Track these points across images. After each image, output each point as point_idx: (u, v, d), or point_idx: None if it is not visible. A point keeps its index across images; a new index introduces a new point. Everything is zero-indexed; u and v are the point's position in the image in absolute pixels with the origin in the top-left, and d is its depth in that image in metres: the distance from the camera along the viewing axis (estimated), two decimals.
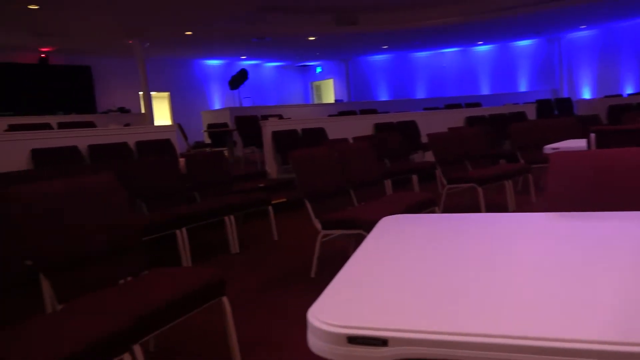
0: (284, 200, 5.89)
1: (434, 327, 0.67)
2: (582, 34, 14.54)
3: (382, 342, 0.63)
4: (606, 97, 12.17)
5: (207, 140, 10.43)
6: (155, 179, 4.03)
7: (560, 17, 12.01)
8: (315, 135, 7.27)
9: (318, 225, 3.14)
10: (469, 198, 5.33)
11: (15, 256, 1.69)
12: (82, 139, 5.02)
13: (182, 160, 4.58)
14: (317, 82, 18.01)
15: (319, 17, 11.57)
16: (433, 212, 3.96)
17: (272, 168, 7.03)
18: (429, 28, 12.37)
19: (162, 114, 14.21)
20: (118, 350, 1.52)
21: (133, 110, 12.38)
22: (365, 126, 7.90)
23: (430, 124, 8.63)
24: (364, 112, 11.01)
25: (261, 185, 6.35)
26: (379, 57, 16.84)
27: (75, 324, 1.52)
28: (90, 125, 7.18)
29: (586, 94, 14.54)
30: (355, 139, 6.07)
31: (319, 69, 17.65)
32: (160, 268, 2.14)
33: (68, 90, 11.80)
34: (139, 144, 5.42)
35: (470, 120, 9.03)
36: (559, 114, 12.03)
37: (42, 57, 11.45)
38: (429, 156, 7.63)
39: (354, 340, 0.64)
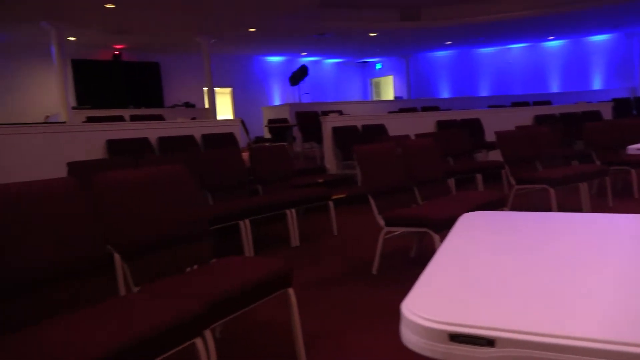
0: (343, 195, 5.87)
1: (542, 329, 0.61)
2: None
3: (488, 342, 0.58)
4: None
5: (267, 135, 10.61)
6: (220, 171, 4.13)
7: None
8: (375, 132, 7.19)
9: (381, 222, 3.09)
10: (539, 200, 5.06)
11: (96, 240, 1.77)
12: (152, 131, 5.25)
13: (245, 154, 4.68)
14: (376, 79, 17.84)
15: (381, 13, 11.44)
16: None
17: (331, 164, 7.03)
18: (495, 22, 11.89)
19: (224, 109, 14.62)
20: (190, 335, 1.56)
21: (197, 105, 12.82)
22: (426, 123, 7.72)
23: (496, 122, 8.29)
24: (425, 109, 10.77)
25: (320, 180, 6.36)
26: (442, 54, 16.41)
27: (151, 306, 1.57)
28: (159, 118, 7.49)
29: None
30: (417, 136, 5.94)
31: (378, 66, 17.48)
32: (228, 257, 2.18)
33: (138, 85, 12.41)
34: (205, 137, 5.59)
35: (539, 119, 8.59)
36: (637, 114, 11.19)
37: (116, 54, 12.10)
38: (494, 156, 7.33)
39: (456, 338, 0.60)
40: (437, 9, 11.55)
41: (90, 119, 6.61)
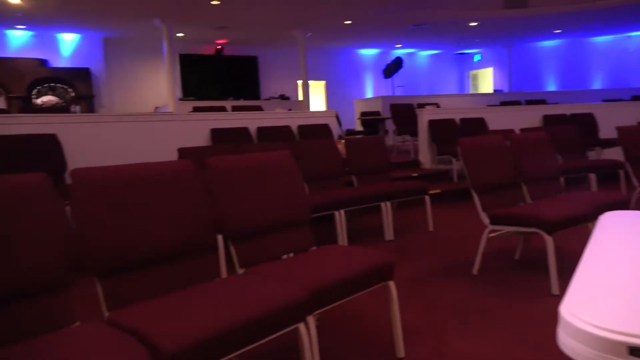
0: (438, 191, 5.66)
1: None
2: None
3: None
4: None
5: (359, 128, 10.57)
6: (316, 161, 4.16)
7: None
8: (475, 126, 6.84)
9: (485, 220, 2.91)
10: None
11: (206, 221, 1.84)
12: (251, 121, 5.43)
13: (340, 145, 4.67)
14: (474, 71, 17.01)
15: (483, 1, 10.84)
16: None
17: (425, 158, 6.82)
18: (614, 8, 10.73)
19: (317, 101, 14.82)
20: (294, 319, 1.56)
21: (291, 97, 13.11)
22: (531, 118, 7.19)
23: (612, 118, 7.50)
24: (529, 102, 10.06)
25: (414, 175, 6.20)
26: (549, 43, 15.20)
27: (260, 288, 1.59)
28: (258, 109, 7.76)
29: None
30: (522, 130, 5.54)
31: (477, 57, 16.64)
32: (329, 245, 2.17)
33: (238, 78, 12.98)
34: (301, 127, 5.67)
35: None
36: None
37: (218, 48, 12.75)
38: (609, 154, 6.63)
39: (637, 352, 0.50)
40: None
41: (196, 109, 7.02)
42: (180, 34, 11.33)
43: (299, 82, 13.99)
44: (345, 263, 1.84)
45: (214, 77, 12.67)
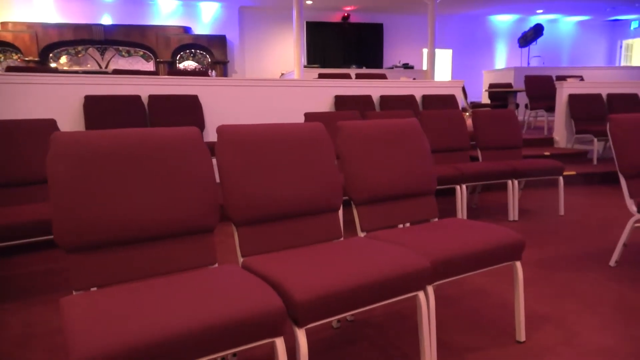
0: (573, 173, 5.17)
1: None
2: None
3: None
4: None
5: (486, 101, 9.96)
6: (440, 132, 4.02)
7: None
8: (625, 103, 6.05)
9: (632, 207, 2.60)
10: None
11: (336, 185, 1.89)
12: (374, 89, 5.41)
13: (467, 119, 4.45)
14: (629, 41, 14.88)
15: None
16: None
17: (561, 136, 6.23)
18: None
19: (442, 71, 14.21)
20: (415, 287, 1.57)
21: (415, 67, 12.73)
22: None
23: None
24: None
25: (547, 153, 5.71)
26: None
27: (382, 251, 1.62)
28: (382, 77, 7.68)
29: None
30: None
31: (635, 24, 14.49)
32: (456, 218, 2.11)
33: (362, 45, 12.91)
34: (425, 97, 5.51)
35: None
36: None
37: (345, 16, 12.75)
38: None
39: None
40: None
41: (321, 76, 7.17)
42: (309, 2, 11.53)
43: (424, 51, 13.49)
44: (471, 236, 1.78)
45: (339, 44, 12.75)
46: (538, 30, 11.07)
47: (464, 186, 3.54)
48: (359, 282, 1.38)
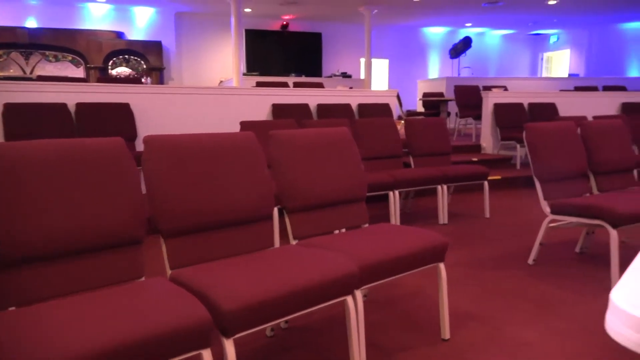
0: (498, 178, 5.49)
1: None
2: None
3: None
4: None
5: (420, 109, 10.34)
6: (374, 140, 4.15)
7: None
8: (544, 111, 6.51)
9: (546, 209, 2.81)
10: None
11: (266, 194, 1.91)
12: (312, 98, 5.48)
13: (400, 126, 4.62)
14: (549, 53, 16.04)
15: None
16: None
17: (488, 143, 6.60)
18: None
19: (379, 80, 14.62)
20: (343, 291, 1.61)
21: (353, 75, 13.01)
22: (608, 105, 6.74)
23: None
24: (607, 88, 9.40)
25: (474, 159, 6.03)
26: (633, 25, 14.00)
27: (310, 258, 1.65)
28: (319, 86, 7.80)
29: None
30: (596, 118, 5.21)
31: (554, 38, 15.65)
32: (385, 223, 2.19)
33: (301, 54, 13.03)
34: (361, 106, 5.66)
35: None
36: None
37: (284, 24, 12.83)
38: None
39: None
40: None
41: (259, 84, 7.17)
42: (248, 10, 11.50)
43: (362, 60, 13.83)
44: (398, 241, 1.86)
45: (278, 52, 12.80)
46: (467, 42, 11.69)
47: (397, 192, 3.67)
48: (287, 289, 1.40)
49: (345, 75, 12.07)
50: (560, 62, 15.82)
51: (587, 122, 3.14)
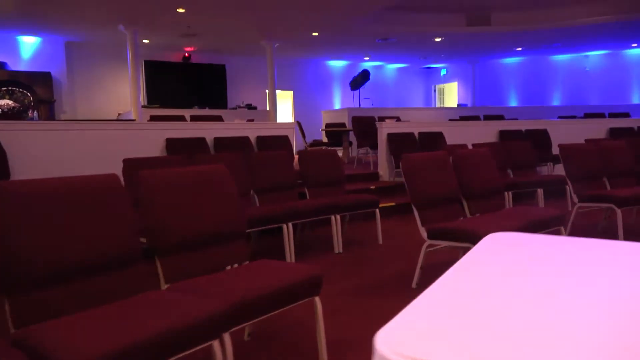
0: (392, 204, 5.76)
1: None
2: None
3: None
4: None
5: (325, 139, 10.64)
6: (269, 172, 4.17)
7: None
8: (433, 140, 7.00)
9: (424, 234, 2.99)
10: (604, 220, 4.69)
11: (131, 236, 1.83)
12: (209, 131, 5.41)
13: (296, 157, 4.71)
14: (440, 85, 17.40)
15: (448, 17, 11.14)
16: (558, 232, 3.56)
17: (384, 171, 6.93)
18: (572, 28, 11.20)
19: (285, 112, 14.86)
20: (208, 336, 1.57)
21: (259, 107, 13.11)
22: (488, 133, 7.41)
23: (565, 134, 7.80)
24: (488, 117, 10.36)
25: (372, 187, 6.28)
26: (511, 60, 15.71)
27: (173, 304, 1.59)
28: (218, 119, 7.74)
29: None
30: (475, 145, 5.70)
31: (443, 72, 17.04)
32: (264, 260, 2.18)
33: (205, 86, 12.90)
34: (260, 138, 5.69)
35: (614, 132, 7.97)
36: None
37: (186, 56, 12.66)
38: (560, 169, 6.89)
39: None
40: (507, 13, 11.08)
41: (153, 118, 6.96)
42: (146, 40, 11.21)
43: (267, 92, 14.02)
44: (272, 278, 1.86)
45: (180, 84, 12.55)
46: (365, 75, 12.33)
47: (289, 224, 3.70)
48: (136, 340, 1.33)
49: (250, 107, 12.12)
50: (450, 93, 17.21)
51: (457, 151, 3.41)
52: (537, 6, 10.57)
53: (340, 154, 9.43)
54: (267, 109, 12.02)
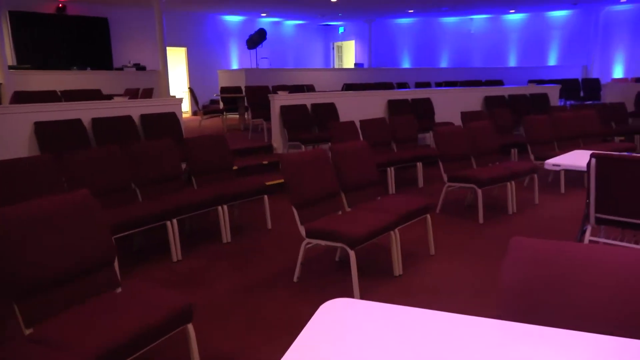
0: (282, 181, 5.88)
1: None
2: (622, 8, 13.67)
3: None
4: (636, 79, 11.60)
5: (221, 105, 10.36)
6: (152, 164, 4.04)
7: None
8: (326, 111, 7.15)
9: (303, 232, 3.14)
10: (469, 196, 5.24)
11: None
12: (85, 112, 5.03)
13: (201, 120, 4.57)
14: (339, 43, 17.52)
15: None
16: (425, 220, 3.93)
17: (278, 143, 6.99)
18: None
19: (179, 71, 14.09)
20: None
21: (149, 66, 12.28)
22: (378, 102, 7.73)
23: (447, 103, 8.39)
24: (378, 86, 10.73)
25: (265, 162, 6.34)
26: (405, 21, 16.20)
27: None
28: (96, 94, 7.16)
29: (618, 73, 13.85)
30: (362, 122, 5.95)
31: (341, 29, 17.12)
32: (134, 285, 2.18)
33: (85, 43, 11.72)
34: (144, 117, 5.41)
35: (489, 101, 8.74)
36: (584, 96, 11.54)
37: (60, 6, 11.33)
38: None
39: None
40: None
41: (19, 97, 6.25)
42: None
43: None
44: (139, 315, 1.88)
45: (56, 40, 11.28)
46: (262, 34, 12.01)
47: (174, 221, 3.67)
48: None
49: (139, 67, 11.33)
50: (348, 51, 17.43)
51: (335, 147, 3.57)
52: None
53: (225, 128, 9.26)
54: (159, 69, 11.32)
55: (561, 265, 1.27)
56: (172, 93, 12.22)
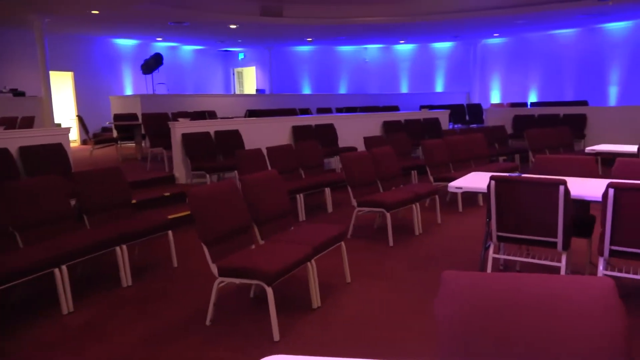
0: (188, 213, 5.56)
1: None
2: (496, 41, 15.29)
3: None
4: (512, 105, 12.96)
5: (115, 133, 9.67)
6: (34, 203, 3.55)
7: (477, 24, 12.50)
8: (230, 139, 6.95)
9: (215, 271, 2.93)
10: (378, 219, 5.35)
11: None
12: None
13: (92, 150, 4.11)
14: (239, 69, 17.41)
15: (242, 6, 11.07)
16: (340, 247, 3.91)
17: (180, 172, 6.64)
18: (354, 25, 12.32)
19: (64, 96, 12.97)
20: None
21: (29, 92, 11.14)
22: (283, 128, 7.70)
23: (349, 128, 8.62)
24: (281, 112, 10.78)
25: (167, 194, 5.96)
26: (304, 48, 16.59)
27: None
28: None
29: (495, 98, 15.38)
30: (269, 149, 5.85)
31: (241, 55, 17.06)
32: None
33: None
34: (23, 150, 4.81)
35: (387, 125, 9.15)
36: (469, 120, 12.61)
37: None
38: None
39: None
40: (300, 6, 11.53)
41: None
42: None
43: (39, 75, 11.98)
44: None
45: None
46: (158, 59, 11.53)
47: (64, 267, 3.23)
48: None
49: (17, 92, 10.22)
50: (249, 77, 17.39)
51: (245, 178, 3.42)
52: (326, 2, 11.26)
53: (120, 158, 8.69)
54: (41, 95, 10.29)
55: (494, 298, 1.26)
56: (57, 121, 11.16)
